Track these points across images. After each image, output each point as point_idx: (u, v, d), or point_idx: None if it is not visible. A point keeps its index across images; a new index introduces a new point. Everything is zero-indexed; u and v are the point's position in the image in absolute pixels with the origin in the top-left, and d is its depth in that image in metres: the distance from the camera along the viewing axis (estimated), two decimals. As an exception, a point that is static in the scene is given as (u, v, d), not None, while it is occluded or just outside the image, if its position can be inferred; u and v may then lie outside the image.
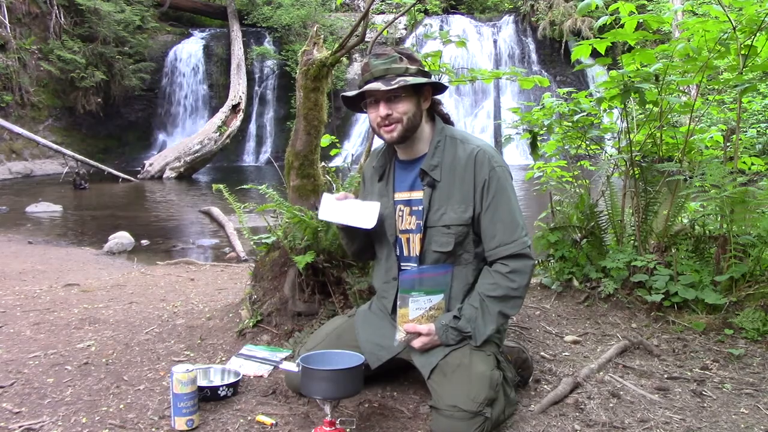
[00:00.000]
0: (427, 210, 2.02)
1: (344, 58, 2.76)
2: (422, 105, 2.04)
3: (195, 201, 10.28)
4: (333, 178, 3.07)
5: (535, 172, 3.76)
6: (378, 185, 2.17)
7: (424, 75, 2.03)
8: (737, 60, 2.98)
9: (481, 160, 1.99)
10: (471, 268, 2.04)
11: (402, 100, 1.98)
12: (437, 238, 2.02)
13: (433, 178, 2.02)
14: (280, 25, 16.80)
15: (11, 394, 2.23)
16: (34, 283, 4.32)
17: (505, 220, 1.97)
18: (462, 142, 2.05)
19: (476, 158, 2.00)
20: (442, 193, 2.01)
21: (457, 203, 2.00)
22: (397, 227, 2.10)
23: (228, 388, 2.16)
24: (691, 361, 2.53)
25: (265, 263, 2.84)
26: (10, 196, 10.66)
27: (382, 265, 2.17)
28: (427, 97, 2.06)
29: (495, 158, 2.01)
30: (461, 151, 2.02)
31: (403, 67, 1.99)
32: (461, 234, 2.00)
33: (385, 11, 15.76)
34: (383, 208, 2.10)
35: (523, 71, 3.45)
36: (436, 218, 2.01)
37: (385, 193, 2.14)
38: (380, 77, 1.98)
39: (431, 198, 2.02)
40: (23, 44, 14.46)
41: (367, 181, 2.25)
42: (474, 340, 1.95)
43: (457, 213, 1.99)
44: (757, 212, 2.95)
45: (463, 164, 2.00)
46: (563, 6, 16.41)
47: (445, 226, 2.00)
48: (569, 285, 3.29)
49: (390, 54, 2.02)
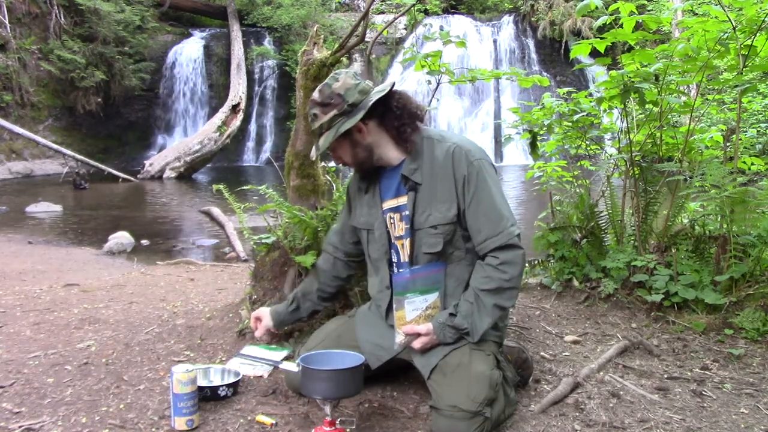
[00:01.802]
0: (412, 213, 2.02)
1: (344, 58, 2.75)
2: (362, 139, 2.05)
3: (195, 201, 10.28)
4: (333, 178, 3.07)
5: (536, 171, 3.76)
6: (365, 197, 2.18)
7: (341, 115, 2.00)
8: (737, 60, 2.98)
9: (459, 157, 1.99)
10: (464, 264, 2.04)
11: (335, 150, 2.08)
12: (426, 239, 2.02)
13: (415, 182, 2.02)
14: (280, 25, 16.80)
15: (11, 394, 2.23)
16: (34, 283, 4.32)
17: (489, 212, 1.96)
18: (438, 141, 2.05)
19: (453, 155, 1.99)
20: (425, 195, 2.01)
21: (441, 203, 2.00)
22: (392, 234, 2.11)
23: (228, 388, 2.16)
24: (691, 361, 2.53)
25: (265, 263, 2.84)
26: (10, 196, 10.66)
27: (376, 276, 2.18)
28: (361, 130, 2.04)
29: (472, 152, 2.00)
30: (438, 150, 2.02)
31: (317, 127, 2.05)
32: (449, 233, 2.00)
33: (385, 11, 15.78)
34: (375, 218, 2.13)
35: (523, 71, 3.44)
36: (422, 220, 2.01)
37: (373, 204, 2.15)
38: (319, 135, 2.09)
39: (415, 201, 2.02)
40: (23, 44, 14.46)
41: (353, 198, 2.26)
42: (471, 336, 1.95)
43: (442, 212, 1.99)
44: (757, 212, 2.95)
45: (441, 163, 2.00)
46: (563, 6, 16.41)
47: (432, 226, 2.00)
48: (569, 285, 3.29)
49: (309, 111, 2.07)
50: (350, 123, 1.99)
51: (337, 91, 2.01)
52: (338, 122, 2.00)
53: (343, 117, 2.01)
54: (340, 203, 2.80)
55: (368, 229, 2.17)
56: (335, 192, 2.92)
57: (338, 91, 2.00)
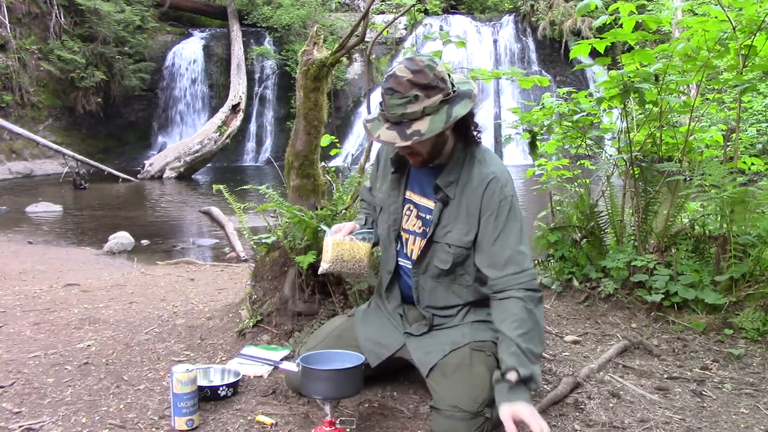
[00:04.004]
0: (435, 224, 2.00)
1: (344, 58, 2.76)
2: (447, 130, 1.92)
3: (195, 201, 10.28)
4: (333, 178, 3.07)
5: (536, 170, 3.76)
6: (392, 176, 2.12)
7: (446, 102, 1.84)
8: (737, 60, 2.98)
9: (492, 189, 1.93)
10: (471, 290, 2.03)
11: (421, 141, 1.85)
12: (439, 254, 2.01)
13: (447, 195, 1.97)
14: (280, 25, 16.79)
15: (11, 394, 2.23)
16: (34, 283, 4.32)
17: (516, 249, 1.90)
18: (480, 162, 1.98)
19: (488, 185, 1.93)
20: (452, 212, 1.98)
21: (462, 224, 1.97)
22: (401, 224, 2.10)
23: (228, 388, 2.17)
24: (691, 361, 2.53)
25: (265, 263, 2.84)
26: (10, 196, 10.66)
27: (383, 255, 2.18)
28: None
29: (507, 187, 1.95)
30: (476, 173, 1.96)
31: (419, 110, 1.81)
32: (460, 255, 1.98)
33: (385, 11, 15.76)
34: (392, 201, 2.09)
35: (523, 71, 3.44)
36: (442, 234, 1.99)
37: (396, 187, 2.11)
38: (396, 123, 1.84)
39: (441, 214, 1.99)
40: (23, 44, 14.45)
41: (382, 166, 2.19)
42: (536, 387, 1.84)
43: (459, 234, 1.97)
44: (757, 212, 2.95)
45: (474, 187, 1.95)
46: (563, 6, 16.41)
47: (447, 244, 1.98)
48: (569, 285, 3.29)
49: (405, 92, 1.80)
50: (463, 110, 1.85)
51: (441, 75, 1.84)
52: (444, 108, 1.84)
53: (447, 103, 1.85)
54: (340, 203, 2.80)
55: (383, 206, 2.15)
56: (335, 192, 2.92)
57: (442, 76, 1.85)
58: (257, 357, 2.45)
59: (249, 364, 2.41)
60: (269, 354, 2.46)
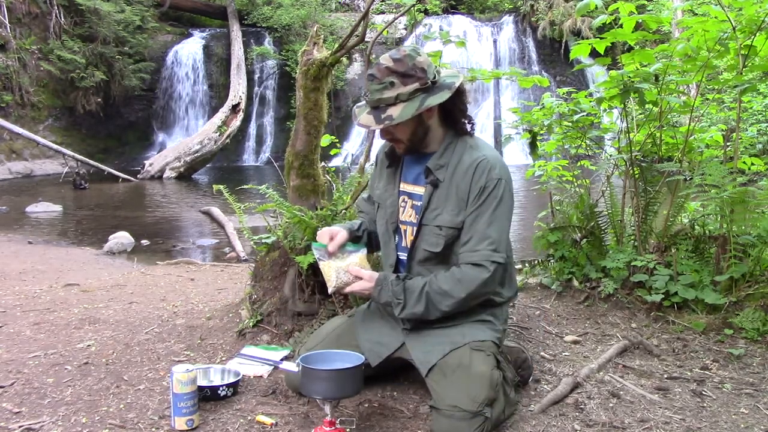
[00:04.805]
0: (424, 208, 2.03)
1: (344, 58, 2.76)
2: (427, 119, 2.00)
3: (195, 201, 10.28)
4: (333, 178, 3.08)
5: (536, 170, 3.76)
6: (387, 171, 2.18)
7: (423, 91, 1.92)
8: (737, 60, 2.98)
9: (482, 169, 1.97)
10: None
11: (397, 127, 1.96)
12: (428, 237, 2.02)
13: (437, 178, 2.01)
14: (280, 25, 16.78)
15: (11, 394, 2.23)
16: (34, 283, 4.32)
17: (481, 229, 1.96)
18: (471, 147, 2.03)
19: (478, 166, 1.98)
20: (442, 194, 2.01)
21: (452, 206, 2.00)
22: (398, 217, 2.12)
23: (228, 388, 2.17)
24: (691, 361, 2.53)
25: (265, 263, 2.84)
26: (10, 196, 10.66)
27: (385, 250, 2.20)
28: (431, 110, 1.98)
29: (497, 170, 1.98)
30: (467, 156, 2.01)
31: (392, 96, 1.90)
32: (451, 237, 2.00)
33: (385, 11, 15.76)
34: (388, 195, 2.12)
35: (523, 71, 3.44)
36: (432, 217, 2.02)
37: (392, 181, 2.15)
38: (374, 107, 1.94)
39: (431, 196, 2.03)
40: (23, 44, 14.44)
41: (379, 165, 2.25)
42: (395, 310, 1.98)
43: (451, 216, 1.99)
44: (757, 212, 2.95)
45: (465, 169, 1.99)
46: (563, 6, 16.40)
47: (438, 226, 2.00)
48: (569, 285, 3.29)
49: (382, 78, 1.92)
50: (438, 100, 1.93)
51: (421, 65, 1.94)
52: (419, 96, 1.92)
53: (423, 92, 1.93)
54: (340, 203, 2.80)
55: (380, 203, 2.18)
56: (335, 192, 2.92)
57: (422, 66, 1.94)
58: (257, 357, 2.45)
59: (249, 364, 2.41)
60: (269, 354, 2.46)
